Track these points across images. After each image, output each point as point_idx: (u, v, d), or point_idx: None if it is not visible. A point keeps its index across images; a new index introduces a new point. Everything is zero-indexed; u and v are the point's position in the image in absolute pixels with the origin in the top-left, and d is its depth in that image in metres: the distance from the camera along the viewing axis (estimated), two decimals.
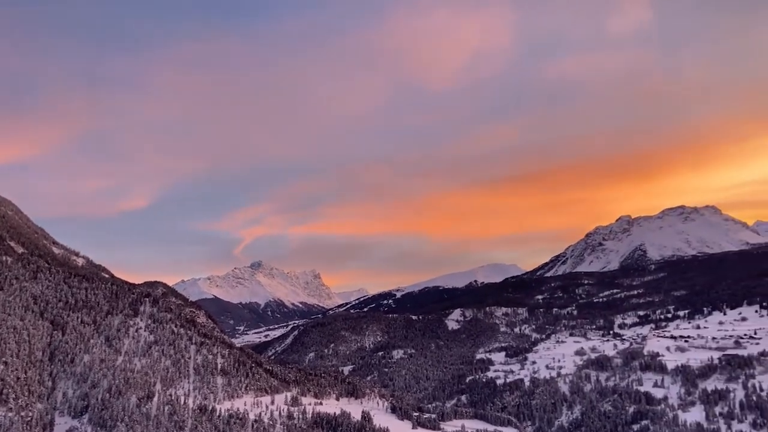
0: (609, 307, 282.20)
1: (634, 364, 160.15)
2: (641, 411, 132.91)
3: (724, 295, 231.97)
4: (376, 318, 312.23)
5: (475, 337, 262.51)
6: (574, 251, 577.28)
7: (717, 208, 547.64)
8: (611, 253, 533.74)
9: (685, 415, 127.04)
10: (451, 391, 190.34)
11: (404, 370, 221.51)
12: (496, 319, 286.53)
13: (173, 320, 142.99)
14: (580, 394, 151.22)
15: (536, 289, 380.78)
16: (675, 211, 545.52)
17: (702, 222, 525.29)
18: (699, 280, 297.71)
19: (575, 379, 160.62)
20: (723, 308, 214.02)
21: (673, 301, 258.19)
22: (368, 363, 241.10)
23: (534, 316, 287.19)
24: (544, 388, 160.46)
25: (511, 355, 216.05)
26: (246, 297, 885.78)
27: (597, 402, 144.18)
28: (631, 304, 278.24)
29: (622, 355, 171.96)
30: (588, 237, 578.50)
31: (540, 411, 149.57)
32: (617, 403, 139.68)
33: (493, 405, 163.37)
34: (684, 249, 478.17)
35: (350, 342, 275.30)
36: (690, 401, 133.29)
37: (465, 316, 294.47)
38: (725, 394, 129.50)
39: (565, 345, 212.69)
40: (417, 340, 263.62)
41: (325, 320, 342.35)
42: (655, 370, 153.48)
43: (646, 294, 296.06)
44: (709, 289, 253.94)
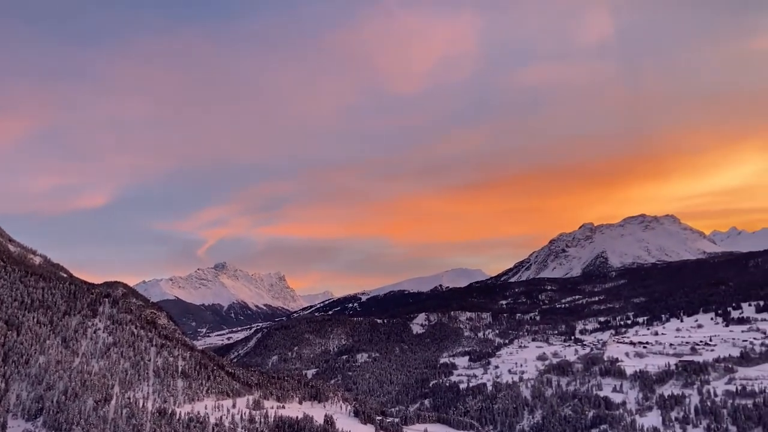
0: (571, 313, 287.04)
1: (595, 369, 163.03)
2: (600, 415, 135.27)
3: (681, 303, 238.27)
4: (341, 321, 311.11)
5: (439, 341, 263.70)
6: (538, 257, 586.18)
7: (676, 217, 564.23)
8: (574, 259, 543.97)
9: (642, 420, 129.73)
10: (415, 395, 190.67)
11: (368, 374, 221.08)
12: (461, 324, 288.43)
13: (133, 321, 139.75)
14: (542, 399, 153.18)
15: (500, 294, 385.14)
16: (636, 220, 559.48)
17: (661, 231, 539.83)
18: (658, 287, 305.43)
19: (537, 383, 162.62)
20: (680, 315, 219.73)
21: (632, 308, 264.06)
22: (332, 366, 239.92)
23: (498, 321, 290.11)
24: (506, 393, 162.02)
25: (474, 360, 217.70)
26: (209, 299, 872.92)
27: (558, 406, 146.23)
28: (592, 310, 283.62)
29: (582, 360, 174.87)
30: (551, 244, 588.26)
31: (502, 415, 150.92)
32: (577, 408, 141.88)
33: (456, 409, 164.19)
34: (644, 257, 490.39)
35: (314, 345, 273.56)
36: (647, 406, 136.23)
37: (430, 320, 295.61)
38: (681, 400, 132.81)
39: (527, 350, 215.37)
40: (382, 344, 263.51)
41: (289, 323, 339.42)
42: (615, 375, 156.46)
43: (607, 300, 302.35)
44: (668, 297, 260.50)
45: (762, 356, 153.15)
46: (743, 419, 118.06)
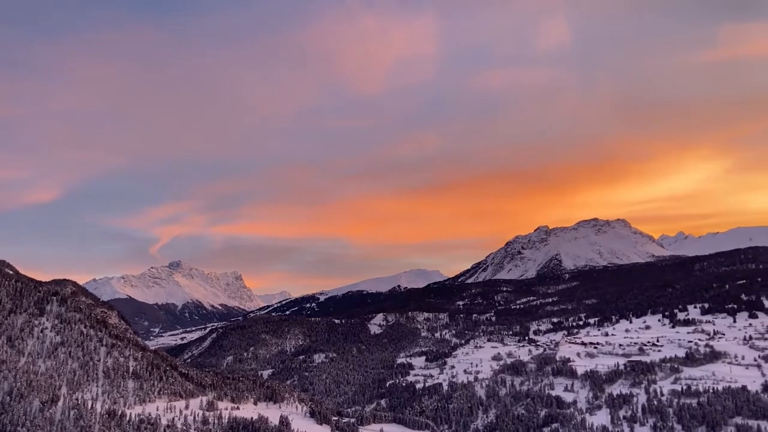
0: (525, 314, 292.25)
1: (547, 369, 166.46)
2: (552, 414, 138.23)
3: (631, 304, 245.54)
4: (299, 321, 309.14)
5: (396, 341, 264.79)
6: (495, 259, 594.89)
7: (627, 221, 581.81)
8: (529, 261, 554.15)
9: (592, 419, 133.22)
10: (371, 396, 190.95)
11: (325, 374, 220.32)
12: (418, 324, 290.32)
13: (82, 320, 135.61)
14: (496, 398, 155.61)
15: (457, 295, 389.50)
16: (589, 224, 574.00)
17: (613, 234, 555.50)
18: (609, 289, 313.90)
19: (491, 383, 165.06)
20: (629, 317, 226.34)
21: (584, 309, 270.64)
22: (289, 367, 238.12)
23: (454, 321, 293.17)
24: (461, 392, 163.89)
25: (431, 360, 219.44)
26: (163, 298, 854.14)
27: (511, 406, 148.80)
28: (546, 311, 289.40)
29: (536, 360, 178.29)
30: (508, 246, 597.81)
31: (457, 415, 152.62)
32: (530, 407, 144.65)
33: (412, 409, 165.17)
34: (596, 259, 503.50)
35: (271, 345, 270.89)
36: (597, 405, 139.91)
37: (387, 320, 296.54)
38: (629, 399, 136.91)
39: (483, 350, 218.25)
40: (339, 344, 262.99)
41: (245, 323, 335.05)
42: (566, 375, 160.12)
43: (561, 302, 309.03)
44: (618, 299, 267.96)
45: (706, 357, 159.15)
46: (688, 418, 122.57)
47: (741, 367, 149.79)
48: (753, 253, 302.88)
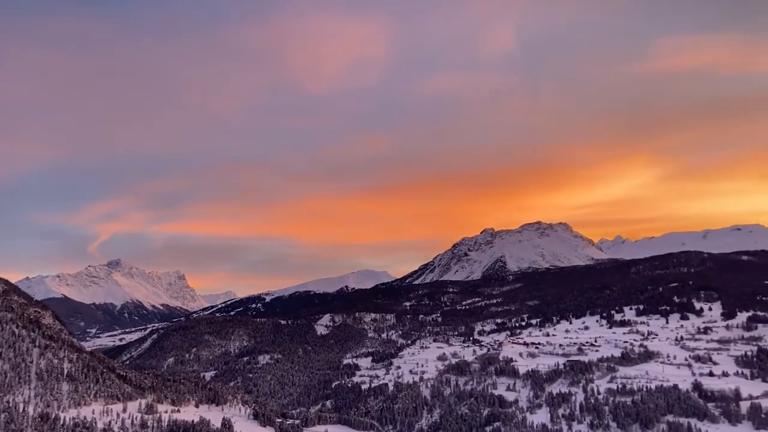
0: (471, 315, 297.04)
1: (491, 368, 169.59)
2: (494, 413, 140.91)
3: (571, 306, 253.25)
4: (243, 322, 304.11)
5: (343, 342, 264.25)
6: (442, 260, 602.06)
7: (568, 225, 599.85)
8: (475, 263, 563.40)
9: (532, 417, 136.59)
10: (317, 397, 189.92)
11: (270, 376, 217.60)
12: (365, 325, 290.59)
13: (14, 320, 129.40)
14: (440, 398, 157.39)
15: (405, 296, 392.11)
16: (533, 227, 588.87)
17: (555, 238, 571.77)
18: (550, 291, 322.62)
19: (436, 383, 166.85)
20: (570, 317, 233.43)
21: (527, 310, 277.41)
22: (232, 368, 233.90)
23: (401, 322, 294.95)
24: (406, 393, 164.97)
25: (377, 360, 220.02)
26: (101, 297, 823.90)
27: (455, 405, 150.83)
28: (490, 312, 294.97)
29: (480, 360, 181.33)
30: (455, 247, 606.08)
31: (402, 415, 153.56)
32: (473, 406, 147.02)
33: (358, 410, 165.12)
34: (539, 262, 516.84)
35: (214, 347, 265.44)
36: (537, 404, 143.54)
37: (334, 321, 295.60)
38: (568, 397, 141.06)
39: (428, 350, 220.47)
40: (285, 345, 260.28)
41: (188, 323, 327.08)
42: (509, 374, 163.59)
43: (504, 303, 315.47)
44: (559, 300, 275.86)
45: (640, 356, 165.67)
46: (623, 416, 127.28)
47: (673, 367, 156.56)
48: (685, 257, 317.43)
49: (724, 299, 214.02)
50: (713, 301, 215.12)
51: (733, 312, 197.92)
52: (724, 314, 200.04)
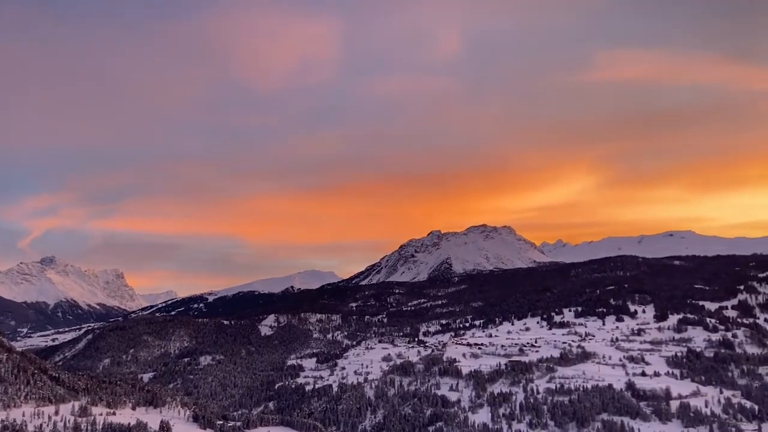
0: (416, 316, 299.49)
1: (434, 369, 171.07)
2: (437, 413, 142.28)
3: (513, 307, 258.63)
4: (184, 322, 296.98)
5: (287, 343, 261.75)
6: (389, 261, 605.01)
7: (512, 229, 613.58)
8: (421, 264, 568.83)
9: (474, 417, 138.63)
10: (259, 398, 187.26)
11: (211, 377, 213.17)
12: (310, 326, 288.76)
13: None
14: (384, 399, 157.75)
15: (351, 296, 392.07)
16: (478, 229, 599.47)
17: (499, 240, 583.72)
18: (494, 292, 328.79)
19: (381, 384, 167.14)
20: (512, 319, 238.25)
21: (471, 312, 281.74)
22: (172, 370, 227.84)
23: (347, 322, 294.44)
24: (351, 393, 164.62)
25: (322, 361, 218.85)
26: (33, 296, 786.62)
27: (399, 406, 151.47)
28: (435, 313, 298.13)
29: (424, 361, 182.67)
30: (402, 249, 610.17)
31: (345, 416, 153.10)
32: (417, 407, 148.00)
33: (301, 411, 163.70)
34: (483, 264, 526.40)
35: (153, 347, 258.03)
36: (479, 403, 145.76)
37: (279, 321, 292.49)
38: (508, 397, 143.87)
39: (373, 351, 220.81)
40: (227, 346, 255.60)
41: (125, 323, 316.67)
42: (452, 375, 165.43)
43: (449, 304, 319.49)
44: (502, 302, 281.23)
45: (578, 357, 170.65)
46: (560, 415, 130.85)
47: (608, 367, 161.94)
48: (621, 261, 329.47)
49: (656, 302, 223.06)
50: (647, 304, 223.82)
51: (665, 314, 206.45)
52: (656, 316, 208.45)
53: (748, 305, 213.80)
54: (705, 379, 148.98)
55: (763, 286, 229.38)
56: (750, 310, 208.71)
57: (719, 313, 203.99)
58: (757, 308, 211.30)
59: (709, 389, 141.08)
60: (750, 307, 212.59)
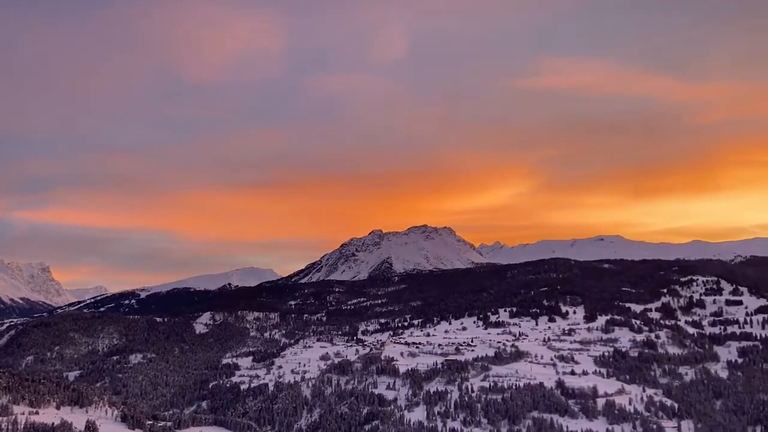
0: (355, 315, 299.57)
1: (372, 368, 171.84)
2: (374, 412, 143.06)
3: (451, 307, 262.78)
4: (115, 319, 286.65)
5: (223, 341, 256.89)
6: (329, 260, 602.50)
7: (452, 230, 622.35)
8: (362, 263, 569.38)
9: (410, 415, 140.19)
10: (192, 398, 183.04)
11: (141, 376, 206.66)
12: (247, 324, 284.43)
13: None
14: (321, 398, 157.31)
15: (290, 294, 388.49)
16: (419, 230, 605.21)
17: (440, 241, 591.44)
18: (433, 292, 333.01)
19: (318, 383, 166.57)
20: (449, 318, 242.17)
21: (410, 311, 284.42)
22: (100, 368, 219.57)
23: (285, 321, 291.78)
24: (287, 393, 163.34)
25: (258, 360, 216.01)
26: None
27: (335, 404, 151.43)
28: (374, 312, 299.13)
29: (362, 359, 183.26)
30: (343, 247, 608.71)
31: (281, 415, 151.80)
32: (353, 405, 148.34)
33: (235, 410, 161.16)
34: (423, 264, 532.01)
35: (80, 345, 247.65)
36: (415, 402, 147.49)
37: (215, 319, 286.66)
38: (444, 395, 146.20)
39: (312, 350, 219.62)
40: (159, 344, 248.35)
41: (51, 319, 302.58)
42: (389, 373, 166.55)
43: (389, 303, 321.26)
44: (440, 302, 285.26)
45: (511, 356, 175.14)
46: (493, 412, 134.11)
47: (540, 366, 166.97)
48: (555, 263, 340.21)
49: (587, 303, 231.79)
50: (577, 305, 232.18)
51: (594, 315, 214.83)
52: (586, 317, 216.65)
53: (670, 308, 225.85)
54: (629, 378, 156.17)
55: (685, 289, 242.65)
56: (672, 313, 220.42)
57: (644, 314, 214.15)
58: (678, 311, 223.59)
59: (633, 388, 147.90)
60: (672, 309, 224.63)
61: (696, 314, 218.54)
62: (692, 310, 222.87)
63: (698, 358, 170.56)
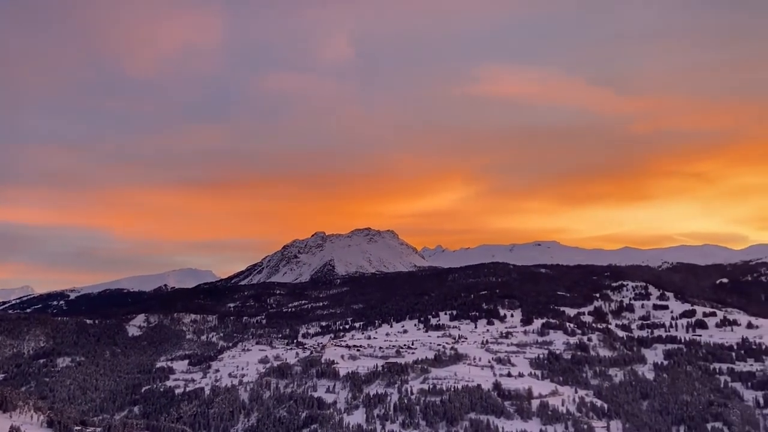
0: (296, 317, 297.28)
1: (312, 371, 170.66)
2: (313, 415, 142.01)
3: (392, 310, 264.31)
4: (41, 321, 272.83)
5: (158, 344, 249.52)
6: (271, 262, 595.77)
7: (395, 233, 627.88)
8: (305, 266, 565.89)
9: (349, 418, 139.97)
10: (123, 403, 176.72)
11: (69, 380, 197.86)
12: (184, 326, 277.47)
13: None
14: (259, 402, 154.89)
15: (229, 296, 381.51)
16: (362, 232, 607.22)
17: (383, 244, 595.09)
18: (375, 295, 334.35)
19: (256, 386, 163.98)
20: (391, 321, 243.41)
21: (352, 314, 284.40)
22: (25, 372, 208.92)
23: (223, 323, 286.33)
24: (224, 397, 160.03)
25: (194, 364, 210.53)
26: None
27: (274, 408, 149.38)
28: (316, 315, 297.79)
29: (302, 363, 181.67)
30: (285, 249, 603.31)
31: (217, 420, 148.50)
32: (292, 409, 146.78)
33: (169, 415, 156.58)
34: (366, 267, 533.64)
35: (4, 347, 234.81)
36: (355, 405, 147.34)
37: (150, 321, 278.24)
38: (384, 398, 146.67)
39: (250, 353, 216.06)
40: (90, 347, 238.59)
41: None
42: (329, 376, 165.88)
43: (331, 306, 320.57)
44: (382, 304, 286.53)
45: (451, 358, 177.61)
46: (432, 414, 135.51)
47: (478, 368, 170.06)
48: (494, 267, 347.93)
49: (524, 307, 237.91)
50: (515, 309, 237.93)
51: (530, 319, 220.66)
52: (523, 320, 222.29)
53: (602, 311, 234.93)
54: (563, 379, 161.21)
55: (616, 294, 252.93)
56: (604, 316, 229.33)
57: (577, 318, 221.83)
58: (609, 314, 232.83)
59: (566, 389, 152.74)
60: (604, 313, 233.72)
61: (626, 318, 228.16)
62: (622, 314, 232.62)
63: (627, 360, 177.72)
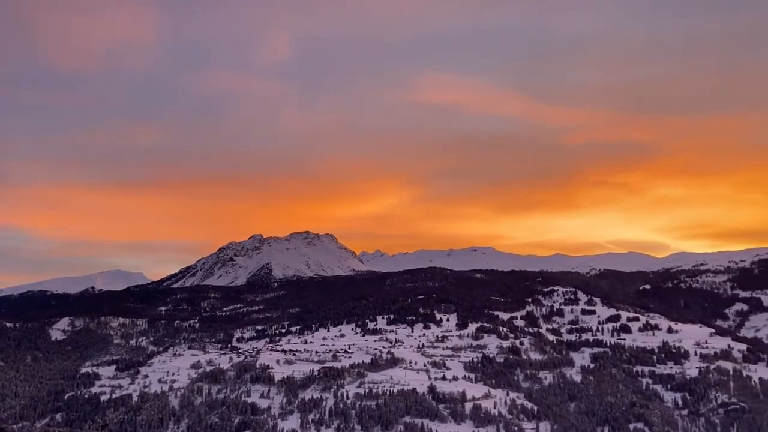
0: (231, 321, 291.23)
1: (246, 376, 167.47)
2: (246, 421, 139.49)
3: (330, 314, 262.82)
4: None
5: (83, 349, 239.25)
6: (205, 264, 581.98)
7: (334, 236, 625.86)
8: (241, 269, 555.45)
9: (283, 423, 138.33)
10: (44, 410, 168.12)
11: None
12: (111, 330, 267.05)
13: None
14: (190, 408, 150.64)
15: (161, 300, 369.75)
16: (301, 236, 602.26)
17: (321, 248, 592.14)
18: (312, 299, 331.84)
19: (187, 392, 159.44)
20: (328, 325, 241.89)
21: (288, 318, 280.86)
22: None
23: (154, 327, 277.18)
24: (153, 403, 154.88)
25: (122, 369, 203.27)
26: None
27: (205, 415, 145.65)
28: (251, 319, 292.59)
29: (236, 368, 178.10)
30: (220, 251, 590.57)
31: (145, 427, 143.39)
32: (224, 415, 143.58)
33: (94, 423, 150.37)
34: (304, 270, 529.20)
35: None
36: (290, 410, 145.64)
37: (74, 325, 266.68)
38: (319, 403, 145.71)
39: (182, 358, 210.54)
40: (9, 352, 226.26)
41: None
42: (264, 381, 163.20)
43: (267, 310, 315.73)
44: (319, 308, 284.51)
45: (387, 362, 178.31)
46: (367, 418, 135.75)
47: (414, 372, 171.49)
48: (431, 272, 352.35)
49: (459, 311, 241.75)
50: (451, 313, 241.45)
51: (465, 323, 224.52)
52: (458, 324, 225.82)
53: (534, 316, 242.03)
54: (495, 382, 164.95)
55: (547, 299, 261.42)
56: (535, 321, 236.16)
57: (510, 322, 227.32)
58: (541, 319, 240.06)
59: (498, 392, 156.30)
60: (535, 317, 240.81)
61: (556, 322, 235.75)
62: (553, 318, 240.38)
63: (556, 363, 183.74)
